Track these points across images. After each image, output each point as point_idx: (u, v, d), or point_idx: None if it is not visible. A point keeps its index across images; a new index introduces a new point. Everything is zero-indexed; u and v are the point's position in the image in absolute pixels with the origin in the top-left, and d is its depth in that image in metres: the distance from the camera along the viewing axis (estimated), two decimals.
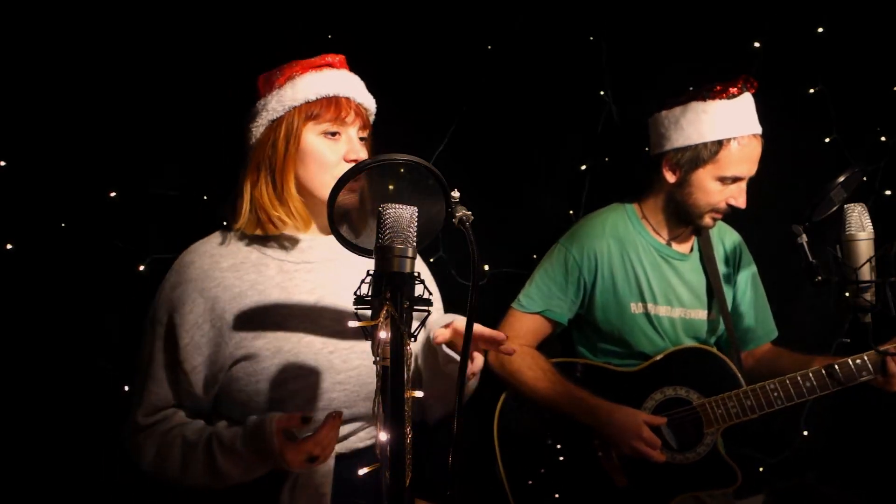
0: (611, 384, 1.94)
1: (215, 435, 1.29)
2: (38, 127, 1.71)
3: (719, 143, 1.87)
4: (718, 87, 1.91)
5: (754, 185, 1.96)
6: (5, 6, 1.65)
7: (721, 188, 1.90)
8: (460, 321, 1.34)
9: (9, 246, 1.70)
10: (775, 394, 1.83)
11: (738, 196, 1.90)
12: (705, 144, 1.88)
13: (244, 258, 1.39)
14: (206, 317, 1.33)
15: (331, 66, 1.44)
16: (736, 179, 1.90)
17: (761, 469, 2.49)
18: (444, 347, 1.32)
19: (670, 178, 1.96)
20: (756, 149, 1.90)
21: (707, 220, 1.95)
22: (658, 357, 1.96)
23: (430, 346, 1.45)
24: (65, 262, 1.74)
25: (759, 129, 1.91)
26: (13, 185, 1.69)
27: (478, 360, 1.37)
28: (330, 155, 1.39)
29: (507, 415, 1.96)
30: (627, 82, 2.33)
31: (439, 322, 1.36)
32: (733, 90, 1.90)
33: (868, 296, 1.64)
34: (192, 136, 1.80)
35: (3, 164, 1.68)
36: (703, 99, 1.90)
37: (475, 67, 2.16)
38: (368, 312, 1.01)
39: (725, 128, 1.87)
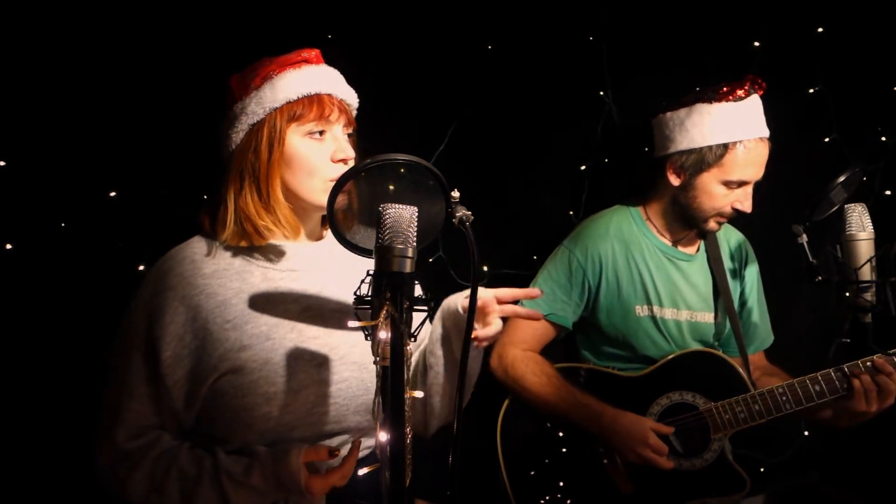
0: (616, 389, 1.91)
1: (223, 469, 1.21)
2: (38, 127, 1.70)
3: (725, 147, 1.84)
4: (725, 89, 1.87)
5: (755, 186, 1.96)
6: (5, 6, 1.65)
7: (726, 192, 1.88)
8: (481, 290, 1.29)
9: (9, 246, 1.70)
10: (784, 397, 1.79)
11: (743, 200, 1.88)
12: (710, 148, 1.85)
13: (227, 265, 1.31)
14: (188, 327, 1.25)
15: (308, 61, 1.37)
16: (742, 183, 1.87)
17: (762, 469, 2.49)
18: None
19: (674, 181, 1.93)
20: (763, 152, 1.87)
21: (712, 224, 1.93)
22: (663, 361, 1.93)
23: (446, 334, 1.40)
24: (65, 262, 1.74)
25: (766, 132, 1.88)
26: (13, 185, 1.69)
27: (496, 324, 1.30)
28: (317, 158, 1.32)
29: (511, 421, 1.94)
30: (627, 82, 2.33)
31: (456, 300, 1.34)
32: (740, 92, 1.86)
33: (868, 296, 1.64)
34: (192, 135, 1.79)
35: (2, 164, 1.69)
36: (709, 101, 1.87)
37: (475, 67, 2.16)
38: (368, 312, 1.01)
39: (731, 131, 1.84)
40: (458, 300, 1.35)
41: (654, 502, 1.85)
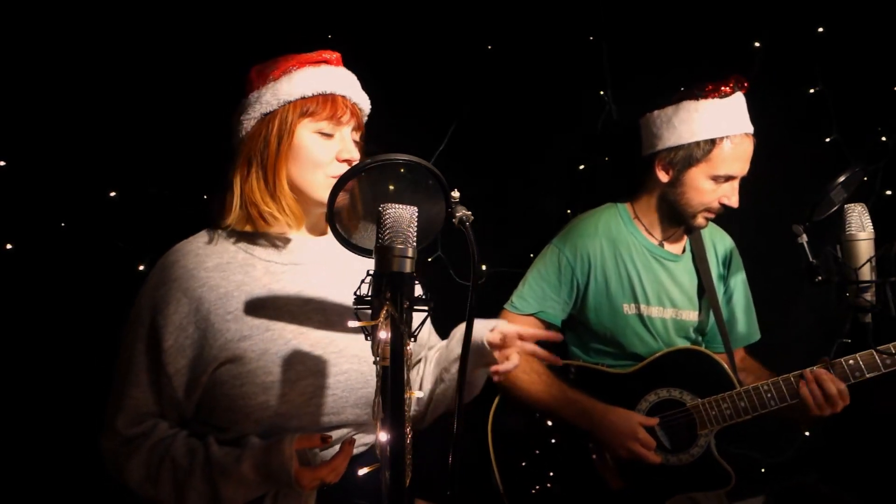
0: (605, 386, 1.94)
1: (214, 461, 1.22)
2: (38, 127, 1.70)
3: (712, 142, 1.88)
4: (710, 87, 1.92)
5: (755, 185, 1.96)
6: (5, 6, 1.65)
7: (714, 187, 1.90)
8: (504, 324, 1.38)
9: (9, 246, 1.70)
10: (769, 395, 1.83)
11: (731, 195, 1.90)
12: (698, 143, 1.89)
13: (230, 258, 1.34)
14: (190, 318, 1.28)
15: (328, 62, 1.40)
16: (729, 178, 1.90)
17: (763, 470, 2.49)
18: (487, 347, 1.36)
19: (663, 177, 1.97)
20: (748, 147, 1.91)
21: (700, 219, 1.95)
22: (652, 358, 1.96)
23: (453, 360, 1.46)
24: (65, 262, 1.74)
25: (750, 128, 1.92)
26: (13, 185, 1.69)
27: (513, 359, 1.37)
28: (322, 154, 1.35)
29: (502, 417, 1.96)
30: (627, 82, 2.33)
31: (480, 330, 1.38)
32: (725, 89, 1.91)
33: (868, 296, 1.64)
34: (192, 135, 1.80)
35: (2, 164, 1.69)
36: (696, 98, 1.91)
37: (475, 67, 2.16)
38: (368, 312, 1.01)
39: (718, 126, 1.88)
40: (481, 330, 1.38)
41: (642, 497, 1.87)
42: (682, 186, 1.93)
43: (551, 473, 1.91)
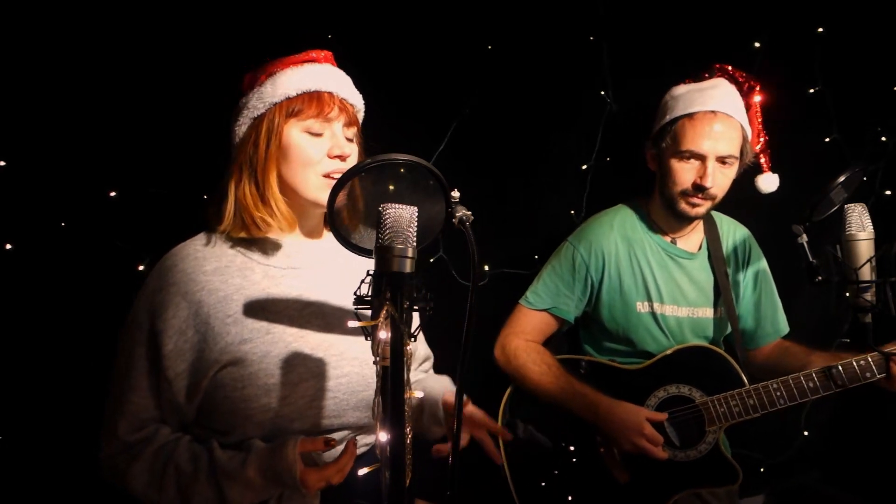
0: (615, 381, 1.94)
1: (219, 466, 1.22)
2: (38, 127, 1.70)
3: (675, 121, 1.90)
4: (690, 77, 1.97)
5: (754, 185, 1.96)
6: (5, 6, 1.65)
7: (683, 166, 1.88)
8: (450, 395, 1.43)
9: (9, 246, 1.70)
10: (778, 393, 1.83)
11: (703, 175, 1.86)
12: (665, 126, 1.92)
13: (229, 262, 1.33)
14: (189, 322, 1.27)
15: (314, 61, 1.39)
16: (695, 156, 1.87)
17: (762, 469, 2.49)
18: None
19: (652, 167, 2.02)
20: (714, 126, 1.85)
21: (683, 205, 1.91)
22: (662, 355, 1.96)
23: (417, 407, 1.49)
24: (65, 262, 1.74)
25: (719, 108, 1.87)
26: (13, 185, 1.69)
27: (463, 439, 1.42)
28: (313, 151, 1.33)
29: (512, 409, 1.98)
30: (628, 82, 2.33)
31: (435, 388, 1.45)
32: (704, 75, 1.97)
33: (868, 296, 1.64)
34: (192, 135, 1.79)
35: (2, 164, 1.68)
36: (675, 85, 1.97)
37: (475, 67, 2.16)
38: (368, 312, 1.01)
39: (682, 106, 1.90)
40: (441, 395, 1.45)
41: (649, 491, 1.87)
42: (662, 171, 1.95)
43: (559, 465, 1.92)
